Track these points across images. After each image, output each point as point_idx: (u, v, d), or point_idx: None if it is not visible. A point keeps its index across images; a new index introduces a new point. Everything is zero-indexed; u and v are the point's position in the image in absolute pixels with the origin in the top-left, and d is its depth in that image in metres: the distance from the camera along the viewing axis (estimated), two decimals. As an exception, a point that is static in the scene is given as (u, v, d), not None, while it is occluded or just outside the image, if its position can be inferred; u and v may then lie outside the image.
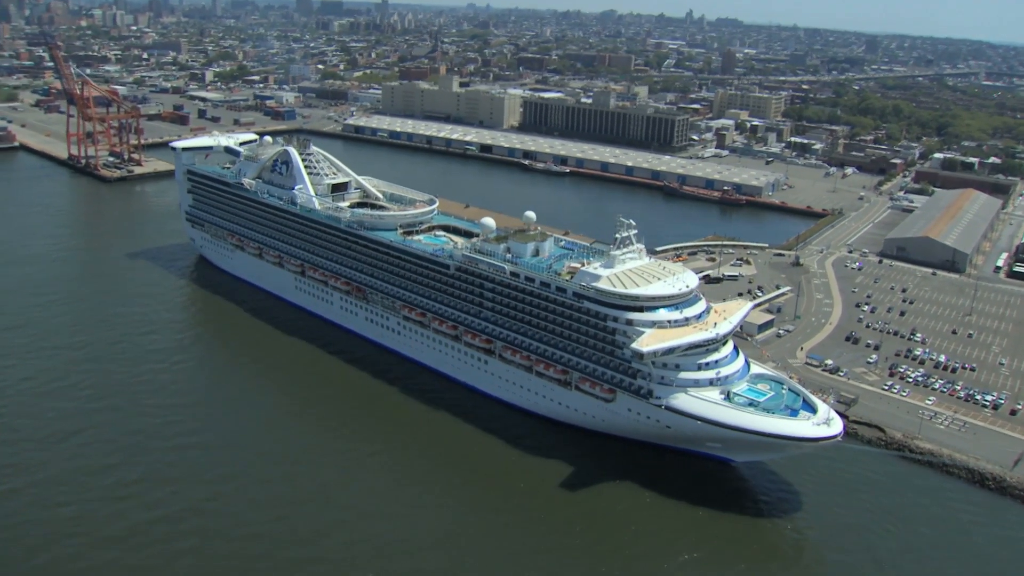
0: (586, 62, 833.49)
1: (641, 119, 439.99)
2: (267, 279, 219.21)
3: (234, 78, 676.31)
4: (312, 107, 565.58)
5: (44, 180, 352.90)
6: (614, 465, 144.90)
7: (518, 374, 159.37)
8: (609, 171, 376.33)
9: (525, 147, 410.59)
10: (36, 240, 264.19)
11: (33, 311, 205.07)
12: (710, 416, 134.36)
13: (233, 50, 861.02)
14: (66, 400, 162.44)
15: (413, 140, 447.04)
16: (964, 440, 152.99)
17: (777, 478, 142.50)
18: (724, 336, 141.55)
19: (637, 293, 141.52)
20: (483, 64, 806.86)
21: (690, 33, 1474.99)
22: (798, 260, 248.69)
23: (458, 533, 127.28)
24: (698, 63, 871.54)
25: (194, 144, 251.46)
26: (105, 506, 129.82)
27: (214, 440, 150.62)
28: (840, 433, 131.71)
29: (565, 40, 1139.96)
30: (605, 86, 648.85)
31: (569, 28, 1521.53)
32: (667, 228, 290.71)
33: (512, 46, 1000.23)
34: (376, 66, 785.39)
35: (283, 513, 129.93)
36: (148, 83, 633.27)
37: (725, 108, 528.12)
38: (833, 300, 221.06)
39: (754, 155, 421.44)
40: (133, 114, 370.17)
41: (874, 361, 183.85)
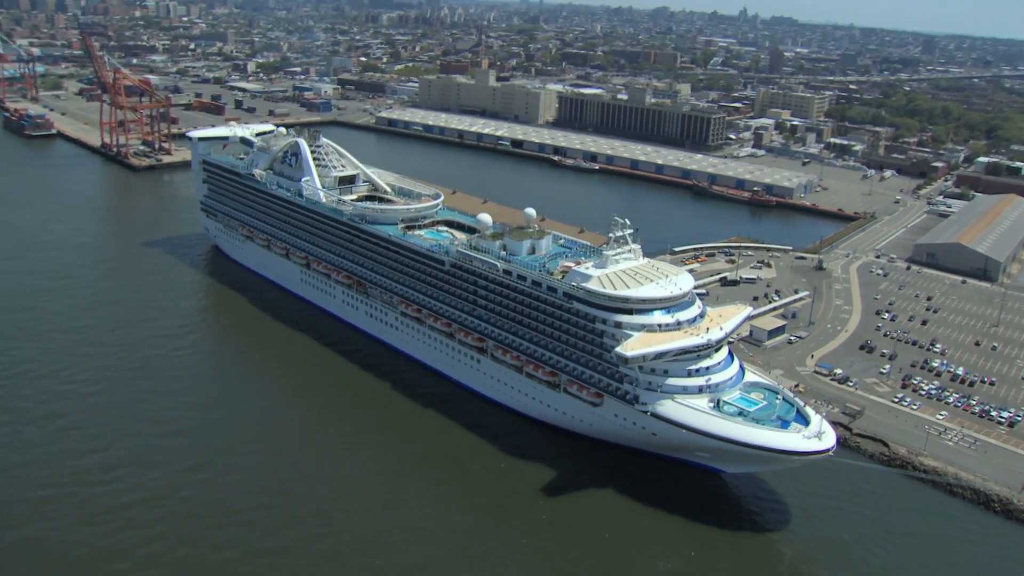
0: (630, 58, 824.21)
1: (676, 117, 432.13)
2: (275, 270, 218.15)
3: (276, 69, 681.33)
4: (349, 99, 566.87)
5: (76, 167, 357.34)
6: (599, 471, 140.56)
7: (509, 374, 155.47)
8: (639, 169, 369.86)
9: (556, 143, 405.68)
10: (58, 226, 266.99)
11: (45, 295, 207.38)
12: (695, 425, 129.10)
13: (278, 41, 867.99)
14: (62, 383, 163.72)
15: (445, 134, 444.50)
16: (973, 458, 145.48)
17: (769, 491, 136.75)
18: (716, 342, 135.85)
19: (627, 295, 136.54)
20: (527, 59, 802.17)
21: (742, 31, 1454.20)
22: (821, 264, 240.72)
23: (430, 530, 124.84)
24: (746, 61, 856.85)
25: (210, 134, 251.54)
26: (85, 488, 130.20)
27: (201, 427, 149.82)
28: (832, 447, 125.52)
29: (612, 36, 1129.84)
30: (647, 83, 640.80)
31: (620, 24, 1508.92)
32: (693, 228, 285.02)
33: (558, 41, 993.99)
34: (419, 59, 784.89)
35: (261, 502, 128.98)
36: (191, 73, 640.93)
37: (766, 107, 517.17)
38: (853, 307, 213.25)
39: (791, 155, 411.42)
40: (163, 104, 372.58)
41: (887, 371, 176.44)
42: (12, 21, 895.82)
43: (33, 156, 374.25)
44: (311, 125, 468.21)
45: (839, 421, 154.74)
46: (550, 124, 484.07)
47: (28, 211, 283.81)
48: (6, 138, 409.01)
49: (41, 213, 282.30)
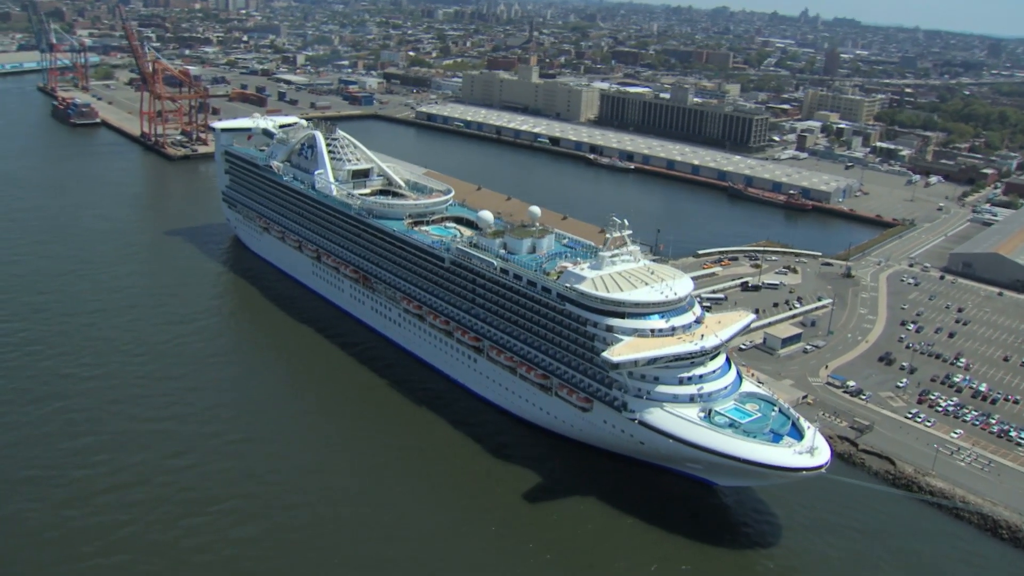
0: (682, 58, 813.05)
1: (718, 117, 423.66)
2: (289, 263, 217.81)
3: (325, 62, 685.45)
4: (394, 93, 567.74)
5: (115, 156, 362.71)
6: (587, 477, 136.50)
7: (503, 375, 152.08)
8: (675, 169, 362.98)
9: (593, 141, 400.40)
10: (87, 212, 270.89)
11: (64, 279, 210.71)
12: (682, 435, 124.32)
13: (331, 35, 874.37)
14: (66, 365, 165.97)
15: (483, 130, 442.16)
16: (985, 481, 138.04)
17: (762, 506, 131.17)
18: (709, 350, 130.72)
19: (619, 298, 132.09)
20: (576, 56, 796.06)
21: (801, 32, 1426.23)
22: (849, 271, 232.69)
23: (404, 526, 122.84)
24: (800, 63, 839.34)
25: (233, 125, 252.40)
26: (70, 471, 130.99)
27: (193, 414, 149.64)
28: (824, 464, 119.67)
29: (667, 35, 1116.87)
30: (695, 83, 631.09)
31: (677, 24, 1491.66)
32: (724, 230, 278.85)
33: (611, 39, 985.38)
34: (468, 55, 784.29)
35: (240, 490, 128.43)
36: (241, 65, 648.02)
37: (815, 109, 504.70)
38: (877, 316, 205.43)
39: (835, 159, 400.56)
40: (201, 95, 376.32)
41: (904, 385, 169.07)
42: (75, 12, 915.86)
43: (75, 144, 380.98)
44: (351, 119, 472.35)
45: (845, 436, 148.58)
46: (592, 122, 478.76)
47: (61, 197, 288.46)
48: (53, 126, 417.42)
49: (73, 199, 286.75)
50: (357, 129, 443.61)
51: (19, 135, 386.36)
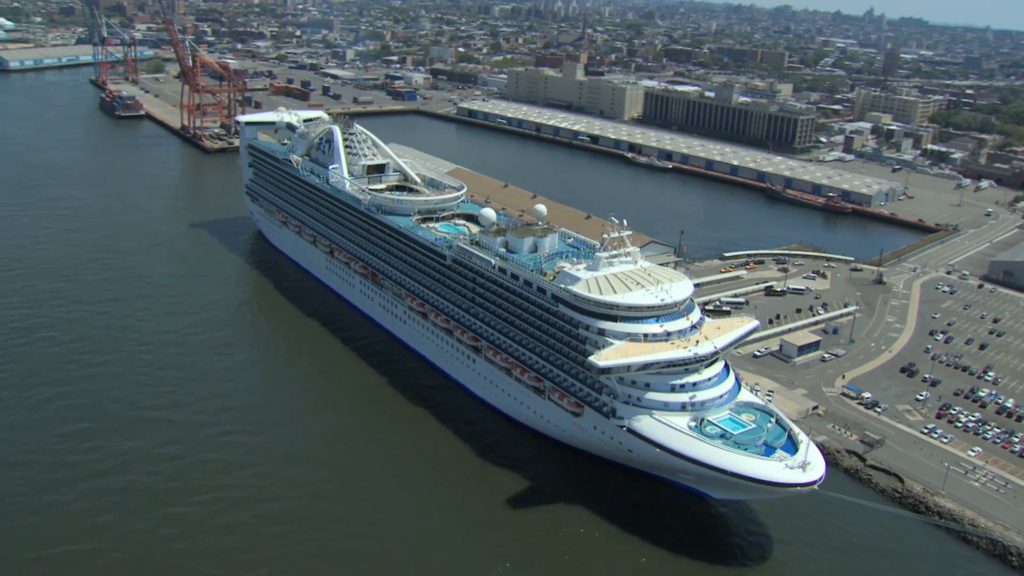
0: (735, 57, 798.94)
1: (763, 117, 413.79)
2: (305, 257, 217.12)
3: (374, 57, 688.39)
4: (439, 89, 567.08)
5: (155, 148, 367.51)
6: (576, 484, 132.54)
7: (500, 376, 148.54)
8: (713, 169, 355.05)
9: (632, 139, 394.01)
10: (118, 203, 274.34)
11: (85, 267, 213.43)
12: (669, 444, 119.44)
13: (383, 30, 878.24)
14: (72, 352, 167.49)
15: (523, 127, 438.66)
16: (999, 503, 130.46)
17: (756, 520, 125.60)
18: (703, 357, 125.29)
19: (612, 300, 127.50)
20: (628, 54, 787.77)
21: (864, 32, 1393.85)
22: (881, 277, 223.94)
23: (386, 523, 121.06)
24: (859, 63, 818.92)
25: (258, 118, 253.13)
26: (59, 456, 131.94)
27: (189, 404, 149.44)
28: (818, 480, 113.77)
29: (723, 34, 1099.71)
30: (746, 82, 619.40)
31: (736, 23, 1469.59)
32: (757, 232, 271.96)
33: (666, 37, 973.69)
34: (518, 51, 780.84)
35: (223, 482, 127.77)
36: (290, 59, 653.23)
37: (867, 110, 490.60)
38: (905, 325, 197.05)
39: (882, 161, 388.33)
40: (240, 88, 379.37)
41: (924, 398, 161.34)
42: (136, 7, 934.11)
43: (118, 136, 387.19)
44: (393, 114, 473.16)
45: (854, 450, 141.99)
46: (635, 121, 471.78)
47: (96, 188, 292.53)
48: (99, 118, 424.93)
49: (108, 190, 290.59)
50: (398, 125, 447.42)
51: (65, 126, 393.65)
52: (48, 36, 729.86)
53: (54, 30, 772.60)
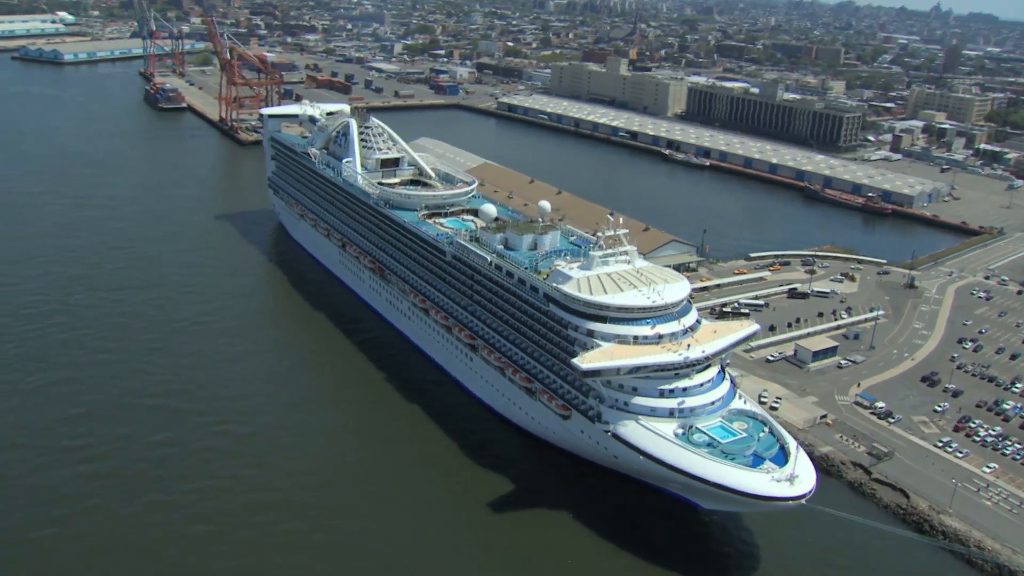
0: (789, 53, 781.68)
1: (807, 114, 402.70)
2: (320, 251, 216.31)
3: (422, 51, 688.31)
4: (483, 84, 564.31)
5: (193, 140, 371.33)
6: (564, 488, 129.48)
7: (494, 375, 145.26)
8: (752, 167, 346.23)
9: (671, 136, 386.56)
10: (148, 194, 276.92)
11: (104, 256, 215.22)
12: (652, 451, 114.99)
13: (434, 24, 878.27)
14: (81, 338, 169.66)
15: (562, 122, 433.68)
16: (1010, 524, 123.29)
17: (746, 534, 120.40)
18: (693, 362, 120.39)
19: (601, 301, 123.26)
20: (680, 50, 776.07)
21: (929, 28, 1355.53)
22: (912, 281, 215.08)
23: (366, 517, 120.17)
24: (918, 60, 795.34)
25: (280, 111, 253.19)
26: (52, 440, 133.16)
27: (187, 395, 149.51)
28: (806, 494, 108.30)
29: (780, 30, 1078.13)
30: (798, 79, 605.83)
31: (797, 18, 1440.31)
32: (791, 232, 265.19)
33: (720, 33, 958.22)
34: (568, 46, 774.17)
35: (208, 472, 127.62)
36: (338, 52, 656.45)
37: (920, 108, 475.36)
38: (933, 332, 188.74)
39: (930, 160, 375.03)
40: (276, 81, 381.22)
41: (942, 410, 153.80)
42: (193, 1, 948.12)
43: (159, 127, 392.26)
44: (433, 108, 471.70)
45: (859, 462, 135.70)
46: (679, 117, 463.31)
47: (130, 178, 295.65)
48: (143, 110, 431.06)
49: (141, 181, 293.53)
50: (438, 119, 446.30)
51: (109, 118, 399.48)
52: (105, 30, 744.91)
53: (112, 24, 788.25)
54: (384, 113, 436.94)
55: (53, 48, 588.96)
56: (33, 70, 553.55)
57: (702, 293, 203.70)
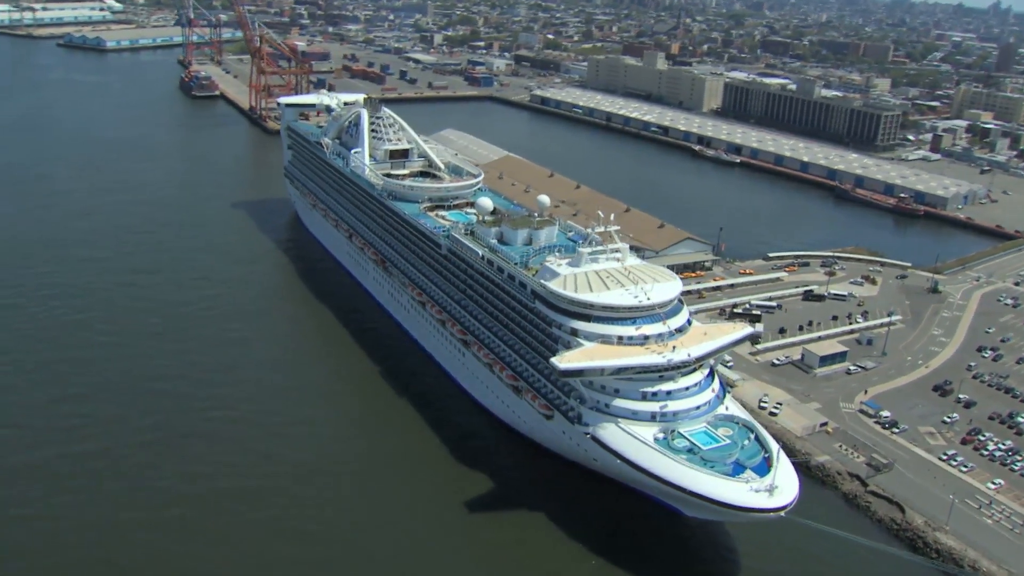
0: (836, 49, 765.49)
1: (844, 112, 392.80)
2: (330, 241, 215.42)
3: (462, 43, 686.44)
4: (519, 76, 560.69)
5: (222, 127, 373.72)
6: (546, 489, 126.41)
7: (484, 372, 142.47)
8: (783, 165, 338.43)
9: (702, 132, 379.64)
10: (170, 181, 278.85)
11: (118, 241, 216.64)
12: (629, 455, 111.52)
13: (477, 15, 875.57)
14: (87, 322, 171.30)
15: (594, 116, 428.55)
16: (1010, 545, 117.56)
17: (728, 546, 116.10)
18: (677, 364, 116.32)
19: (586, 299, 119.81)
20: (723, 45, 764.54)
21: (987, 26, 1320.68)
22: (936, 286, 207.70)
23: (341, 509, 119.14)
24: (971, 58, 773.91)
25: (298, 100, 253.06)
26: (44, 420, 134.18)
27: (182, 386, 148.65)
28: (784, 507, 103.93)
29: (828, 26, 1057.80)
30: (841, 76, 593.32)
31: (850, 15, 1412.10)
32: (817, 233, 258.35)
33: (766, 28, 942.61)
34: (610, 40, 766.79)
35: (189, 459, 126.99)
36: (377, 43, 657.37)
37: (965, 107, 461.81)
38: (952, 339, 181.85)
39: (971, 161, 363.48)
40: (305, 71, 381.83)
41: (951, 421, 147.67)
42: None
43: (191, 115, 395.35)
44: (466, 100, 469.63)
45: (856, 473, 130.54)
46: (714, 113, 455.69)
47: (155, 165, 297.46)
48: (177, 97, 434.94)
49: (166, 168, 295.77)
50: (471, 110, 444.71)
51: (143, 105, 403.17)
52: (151, 18, 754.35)
53: (158, 11, 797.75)
54: (416, 104, 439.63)
55: (96, 35, 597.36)
56: (76, 57, 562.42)
57: (714, 293, 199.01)
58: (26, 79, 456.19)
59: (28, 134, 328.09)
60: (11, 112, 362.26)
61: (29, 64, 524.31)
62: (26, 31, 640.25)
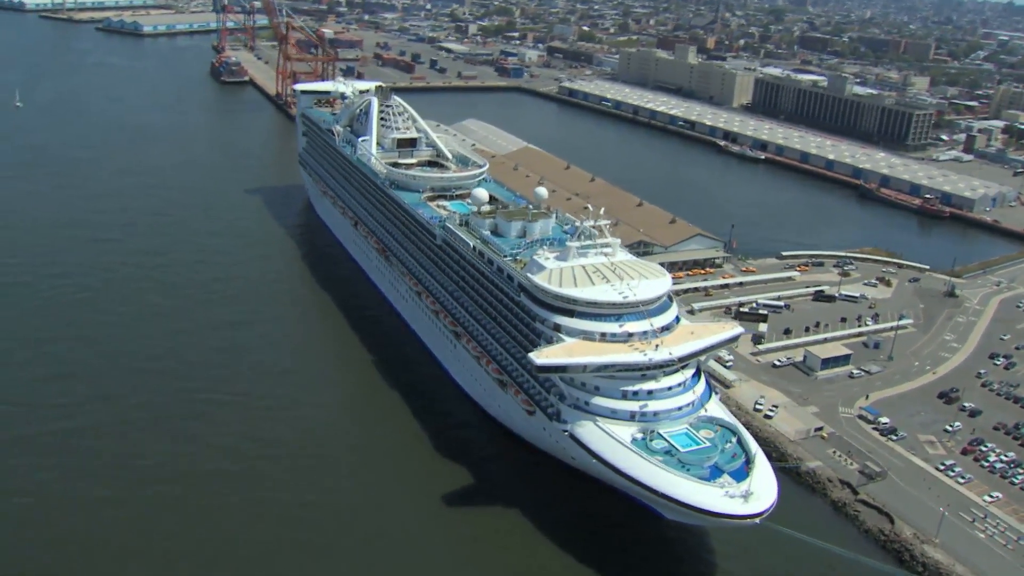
0: (875, 46, 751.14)
1: (875, 110, 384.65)
2: (337, 228, 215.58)
3: (497, 33, 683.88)
4: (551, 67, 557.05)
5: (248, 113, 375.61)
6: (525, 485, 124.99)
7: (473, 365, 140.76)
8: (808, 163, 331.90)
9: (728, 127, 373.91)
10: (188, 165, 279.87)
11: (131, 225, 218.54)
12: (604, 455, 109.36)
13: (514, 6, 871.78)
14: (93, 300, 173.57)
15: (621, 109, 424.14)
16: (1001, 561, 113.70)
17: (709, 547, 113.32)
18: (658, 364, 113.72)
19: (569, 294, 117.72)
20: (760, 40, 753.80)
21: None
22: (952, 290, 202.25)
23: (315, 497, 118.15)
24: (1016, 57, 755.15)
25: (313, 88, 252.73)
26: (38, 398, 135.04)
27: (177, 369, 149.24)
28: (759, 514, 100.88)
29: (871, 23, 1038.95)
30: (878, 74, 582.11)
31: (895, 12, 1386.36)
32: (834, 231, 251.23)
33: (806, 24, 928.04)
34: (646, 32, 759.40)
35: (169, 442, 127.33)
36: (412, 31, 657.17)
37: (1004, 107, 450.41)
38: (964, 345, 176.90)
39: (1005, 162, 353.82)
40: (331, 58, 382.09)
41: (954, 430, 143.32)
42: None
43: (219, 100, 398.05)
44: (494, 90, 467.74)
45: (847, 480, 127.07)
46: (744, 108, 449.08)
47: (177, 149, 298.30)
48: (207, 83, 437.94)
49: (187, 152, 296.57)
50: (499, 101, 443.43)
51: (173, 90, 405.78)
52: (190, 3, 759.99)
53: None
54: (443, 94, 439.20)
55: (134, 20, 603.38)
56: (114, 41, 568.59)
57: (721, 291, 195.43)
58: (63, 63, 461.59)
59: (57, 118, 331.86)
60: (44, 96, 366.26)
61: (67, 48, 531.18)
62: (67, 15, 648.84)
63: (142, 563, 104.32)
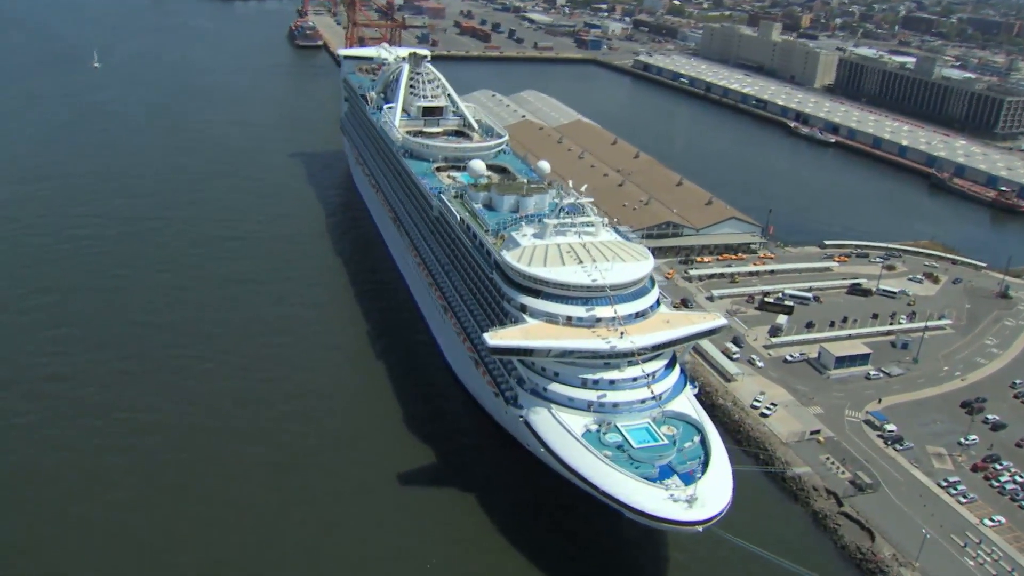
0: (985, 28, 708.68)
1: (963, 95, 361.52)
2: (366, 194, 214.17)
3: (585, 4, 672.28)
4: (633, 40, 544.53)
5: (315, 77, 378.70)
6: (491, 472, 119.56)
7: (456, 341, 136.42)
8: (880, 148, 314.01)
9: (801, 108, 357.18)
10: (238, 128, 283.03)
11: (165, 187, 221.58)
12: (551, 444, 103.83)
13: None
14: (106, 261, 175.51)
15: (694, 85, 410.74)
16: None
17: (664, 555, 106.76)
18: (620, 352, 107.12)
19: (537, 274, 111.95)
20: (861, 19, 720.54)
21: None
22: (1006, 291, 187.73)
23: (283, 472, 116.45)
24: None
25: (358, 53, 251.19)
26: (36, 371, 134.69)
27: (165, 329, 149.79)
28: (703, 521, 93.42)
29: (986, 3, 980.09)
30: (982, 57, 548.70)
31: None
32: (893, 223, 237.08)
33: (913, 3, 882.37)
34: (740, 8, 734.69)
35: (147, 402, 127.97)
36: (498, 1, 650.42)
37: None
38: (1006, 351, 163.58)
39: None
40: (398, 24, 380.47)
41: (969, 443, 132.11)
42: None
43: (290, 64, 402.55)
44: (568, 62, 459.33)
45: (833, 490, 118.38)
46: (826, 89, 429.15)
47: (232, 112, 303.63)
48: (282, 46, 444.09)
49: (241, 116, 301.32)
50: (572, 73, 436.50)
51: (248, 53, 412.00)
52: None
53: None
54: (516, 64, 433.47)
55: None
56: (204, 5, 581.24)
57: (749, 278, 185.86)
58: (147, 24, 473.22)
59: (129, 78, 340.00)
60: (121, 57, 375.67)
61: (159, 10, 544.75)
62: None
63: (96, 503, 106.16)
